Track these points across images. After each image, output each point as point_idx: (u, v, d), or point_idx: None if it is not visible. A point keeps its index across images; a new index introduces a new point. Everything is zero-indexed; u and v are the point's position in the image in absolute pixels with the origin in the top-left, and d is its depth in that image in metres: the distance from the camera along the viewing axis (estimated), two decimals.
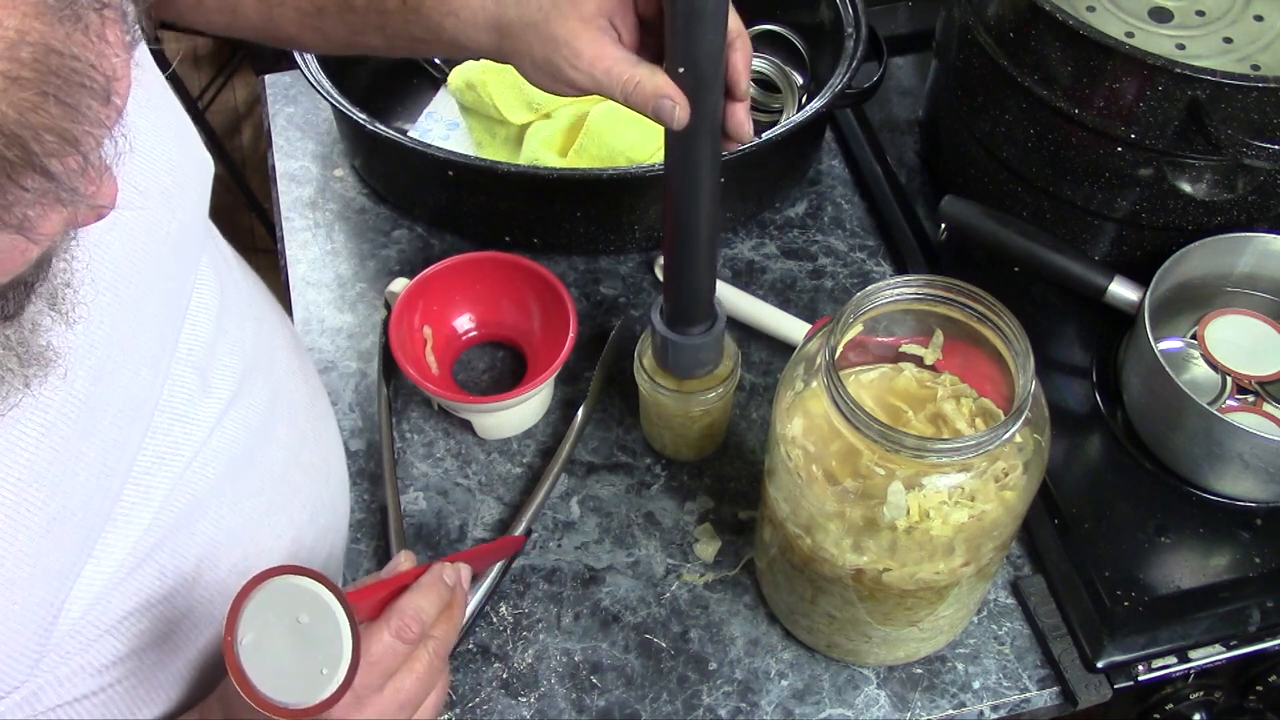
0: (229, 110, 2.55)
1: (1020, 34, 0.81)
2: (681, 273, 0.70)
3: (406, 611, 0.54)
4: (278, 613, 0.48)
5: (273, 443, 0.64)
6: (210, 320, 0.59)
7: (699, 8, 0.55)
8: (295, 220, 1.00)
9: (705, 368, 0.77)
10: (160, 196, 0.51)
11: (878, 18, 1.02)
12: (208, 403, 0.58)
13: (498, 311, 0.89)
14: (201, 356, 0.58)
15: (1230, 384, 0.82)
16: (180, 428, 0.56)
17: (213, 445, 0.58)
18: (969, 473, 0.60)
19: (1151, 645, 0.74)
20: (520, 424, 0.86)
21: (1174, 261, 0.81)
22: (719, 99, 0.61)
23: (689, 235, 0.67)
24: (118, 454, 0.51)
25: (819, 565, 0.66)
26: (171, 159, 0.52)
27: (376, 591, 0.55)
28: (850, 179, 1.04)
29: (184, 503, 0.56)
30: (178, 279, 0.54)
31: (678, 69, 0.59)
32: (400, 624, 0.54)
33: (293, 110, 1.09)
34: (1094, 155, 0.82)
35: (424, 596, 0.56)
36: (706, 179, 0.64)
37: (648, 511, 0.82)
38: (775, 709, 0.74)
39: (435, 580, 0.57)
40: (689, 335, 0.74)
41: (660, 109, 0.59)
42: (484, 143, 1.02)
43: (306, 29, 0.67)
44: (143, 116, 0.50)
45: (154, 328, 0.52)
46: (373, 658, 0.53)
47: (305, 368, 0.74)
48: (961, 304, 0.62)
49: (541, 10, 0.59)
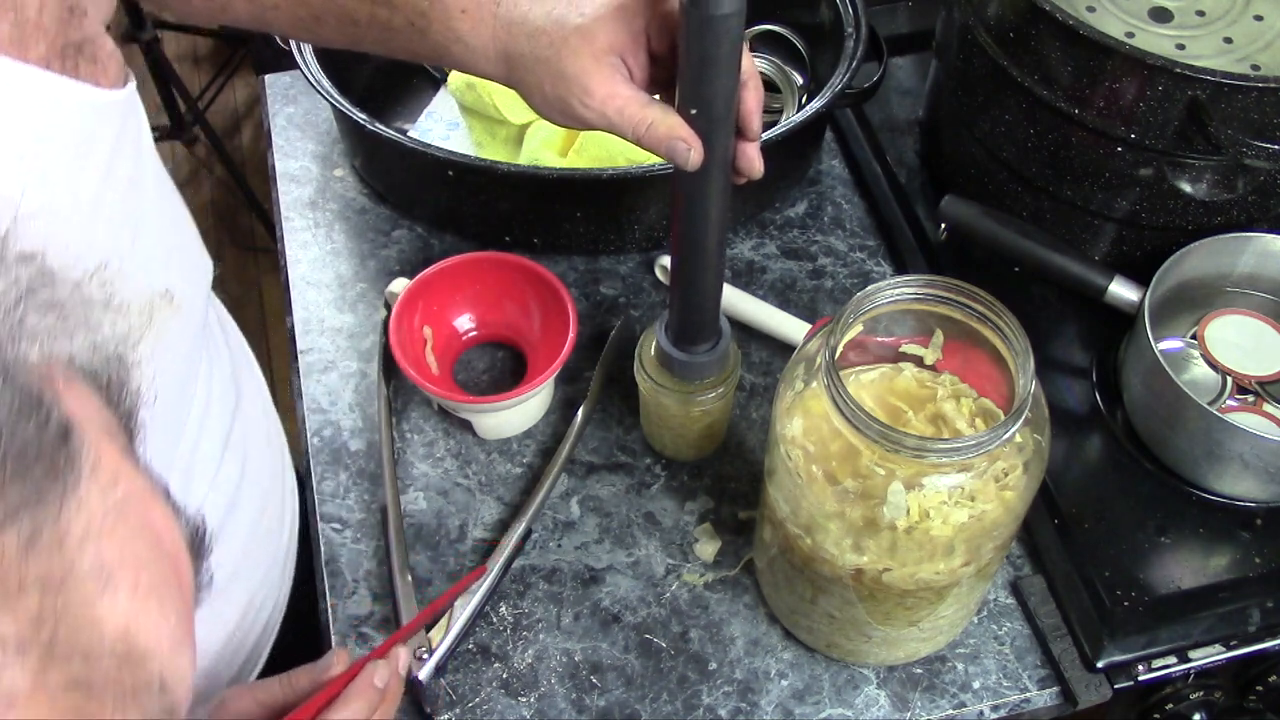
0: (229, 110, 2.55)
1: (1020, 34, 0.81)
2: (688, 296, 0.71)
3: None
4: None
5: (238, 518, 0.64)
6: (198, 417, 0.58)
7: (713, 54, 0.55)
8: (295, 220, 1.01)
9: (707, 378, 0.77)
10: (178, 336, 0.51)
11: (878, 18, 1.02)
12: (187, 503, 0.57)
13: (498, 311, 0.89)
14: (186, 458, 0.57)
15: (1230, 384, 0.82)
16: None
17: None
18: (969, 473, 0.60)
19: (1151, 645, 0.74)
20: (520, 424, 0.86)
21: (1174, 261, 0.81)
22: (730, 138, 0.61)
23: (696, 261, 0.68)
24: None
25: (819, 565, 0.66)
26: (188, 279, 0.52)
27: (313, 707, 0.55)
28: (850, 179, 1.04)
29: None
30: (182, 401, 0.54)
31: (690, 110, 0.59)
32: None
33: (293, 110, 1.09)
34: (1094, 155, 0.82)
35: (350, 708, 0.55)
36: (715, 210, 0.65)
37: (648, 511, 0.82)
38: (775, 709, 0.74)
39: (363, 689, 0.56)
40: (694, 353, 0.75)
41: (674, 150, 0.59)
42: (484, 143, 1.02)
43: (300, 31, 0.66)
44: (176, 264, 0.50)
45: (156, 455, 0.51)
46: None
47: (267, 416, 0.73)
48: (961, 304, 0.62)
49: (552, 46, 0.58)
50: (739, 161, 0.63)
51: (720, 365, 0.77)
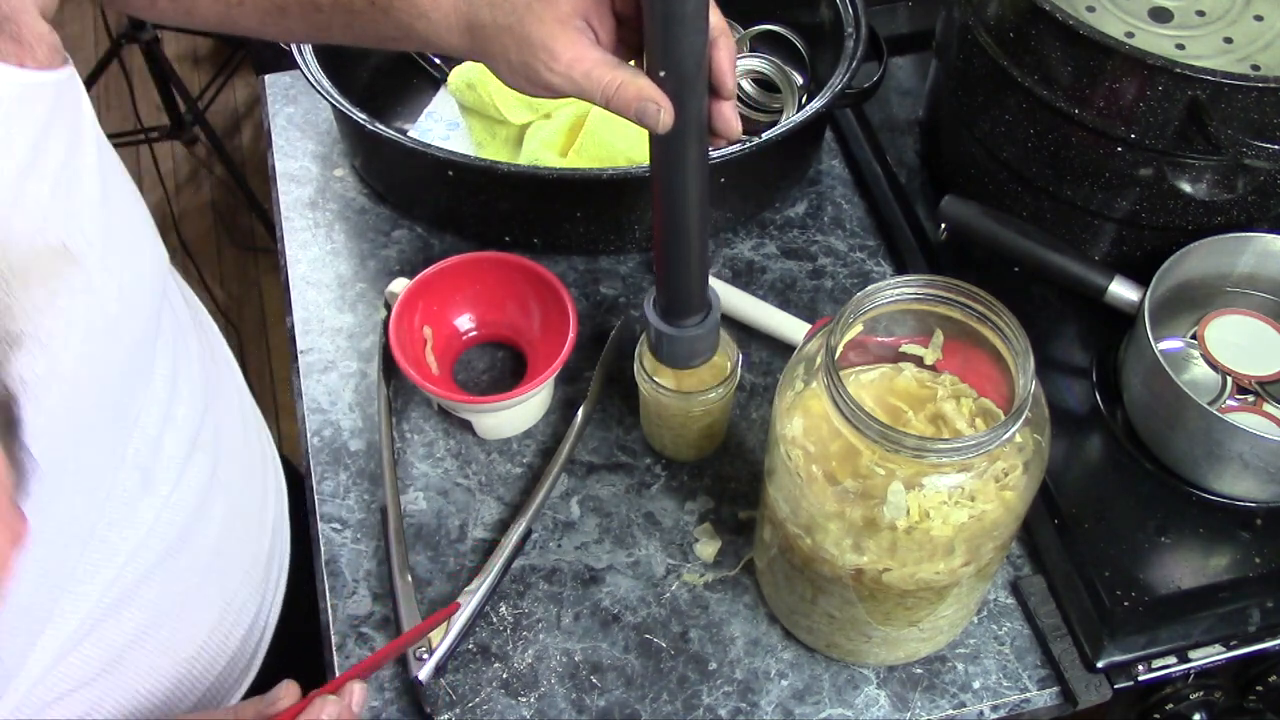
0: (229, 110, 2.55)
1: (1020, 34, 0.81)
2: (672, 268, 0.69)
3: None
4: None
5: (209, 519, 0.63)
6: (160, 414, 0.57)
7: (677, 11, 0.54)
8: (295, 220, 1.01)
9: (701, 358, 0.75)
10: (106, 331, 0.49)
11: (878, 18, 1.02)
12: (148, 500, 0.57)
13: (498, 311, 0.89)
14: (147, 455, 0.56)
15: (1230, 384, 0.82)
16: (117, 533, 0.55)
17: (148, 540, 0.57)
18: (969, 473, 0.60)
19: (1151, 645, 0.74)
20: (520, 424, 0.86)
21: (1174, 261, 0.81)
22: (703, 100, 0.60)
23: (678, 232, 0.66)
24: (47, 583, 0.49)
25: (819, 565, 0.66)
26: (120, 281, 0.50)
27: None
28: (850, 179, 1.04)
29: (115, 595, 0.55)
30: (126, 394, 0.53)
31: (659, 72, 0.58)
32: None
33: (293, 110, 1.09)
34: (1094, 155, 0.82)
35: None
36: (694, 178, 0.63)
37: (648, 511, 0.82)
38: (775, 709, 0.74)
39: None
40: (683, 327, 0.73)
41: (644, 113, 0.57)
42: (484, 143, 1.03)
43: (268, 26, 0.65)
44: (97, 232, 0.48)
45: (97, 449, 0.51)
46: None
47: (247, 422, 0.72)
48: (961, 304, 0.62)
49: (515, 13, 0.57)
50: (715, 122, 0.61)
51: (711, 341, 0.74)
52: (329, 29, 0.64)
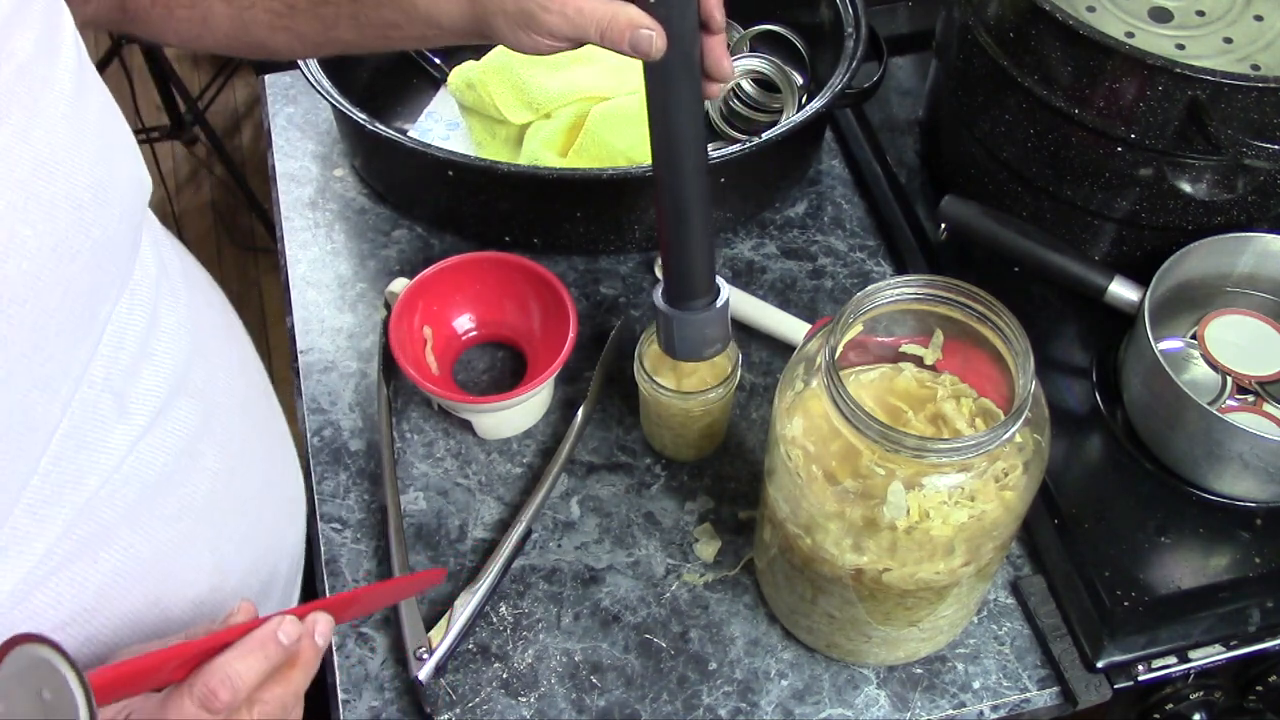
0: (229, 110, 2.55)
1: (1020, 34, 0.81)
2: (676, 239, 0.68)
3: (214, 675, 0.47)
4: (25, 685, 0.42)
5: (198, 469, 0.61)
6: (136, 341, 0.55)
7: None
8: (295, 220, 1.01)
9: (713, 347, 0.73)
10: (73, 214, 0.48)
11: (878, 18, 1.02)
12: (122, 428, 0.55)
13: (498, 311, 0.89)
14: (120, 380, 0.54)
15: (1230, 384, 0.82)
16: (86, 455, 0.53)
17: (124, 471, 0.55)
18: (969, 473, 0.60)
19: (1151, 645, 0.74)
20: (520, 424, 0.86)
21: (1174, 261, 0.81)
22: (695, 32, 0.61)
23: (679, 193, 0.66)
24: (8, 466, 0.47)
25: (819, 565, 0.66)
26: (93, 177, 0.49)
27: (181, 653, 0.48)
28: (850, 179, 1.04)
29: (88, 530, 0.53)
30: (92, 299, 0.51)
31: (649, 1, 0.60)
32: (205, 690, 0.47)
33: (293, 110, 1.09)
34: (1094, 155, 0.82)
35: (242, 658, 0.49)
36: (689, 125, 0.64)
37: (648, 511, 0.82)
38: (775, 709, 0.74)
39: (264, 639, 0.50)
40: (692, 310, 0.71)
41: (638, 40, 0.59)
42: (484, 143, 1.03)
43: (278, 30, 0.67)
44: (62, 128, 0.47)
45: (54, 349, 0.49)
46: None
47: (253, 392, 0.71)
48: (961, 304, 0.62)
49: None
50: (706, 60, 0.63)
51: (722, 329, 0.72)
52: (336, 24, 0.66)
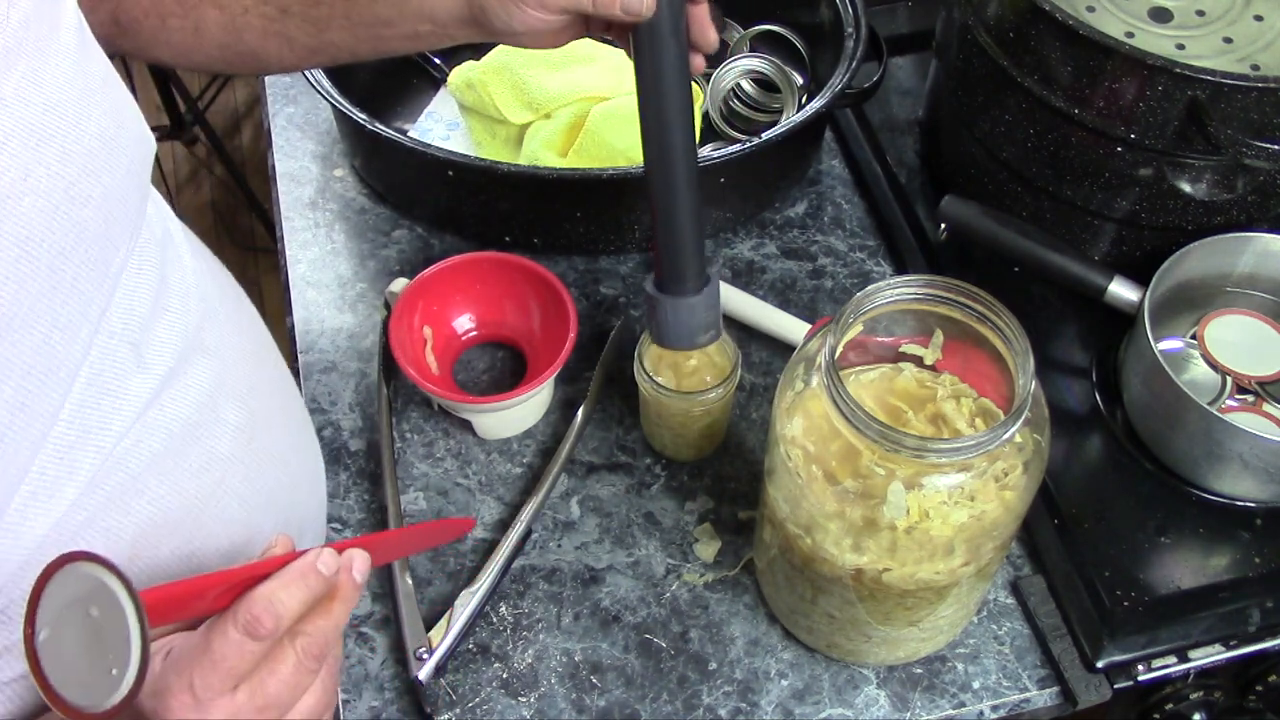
0: (229, 110, 2.55)
1: (1020, 34, 0.81)
2: (665, 218, 0.68)
3: (257, 603, 0.48)
4: (73, 604, 0.43)
5: (219, 423, 0.62)
6: (148, 297, 0.57)
7: None
8: (295, 220, 1.01)
9: (706, 333, 0.72)
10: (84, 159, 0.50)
11: (878, 18, 1.02)
12: (142, 378, 0.56)
13: (498, 311, 0.89)
14: (136, 332, 0.56)
15: (1230, 384, 0.82)
16: (109, 402, 0.54)
17: (149, 421, 0.56)
18: (969, 473, 0.60)
19: (1151, 645, 0.74)
20: (520, 424, 0.86)
21: (1174, 261, 0.81)
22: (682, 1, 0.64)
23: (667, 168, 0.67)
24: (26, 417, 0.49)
25: (819, 565, 0.66)
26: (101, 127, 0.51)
27: (223, 580, 0.48)
28: (850, 179, 1.04)
29: (117, 480, 0.55)
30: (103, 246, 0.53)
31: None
32: (249, 617, 0.47)
33: (293, 110, 1.09)
34: (1094, 155, 0.82)
35: (284, 587, 0.49)
36: (677, 92, 0.65)
37: (648, 511, 0.82)
38: (775, 709, 0.74)
39: (305, 569, 0.50)
40: (682, 294, 0.70)
41: (629, 3, 0.62)
42: (484, 143, 1.03)
43: (271, 36, 0.68)
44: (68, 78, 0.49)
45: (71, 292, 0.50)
46: (216, 656, 0.47)
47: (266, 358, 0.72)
48: (961, 304, 0.62)
49: None
50: (692, 29, 0.66)
51: (712, 316, 0.71)
52: (329, 25, 0.66)
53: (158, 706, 0.46)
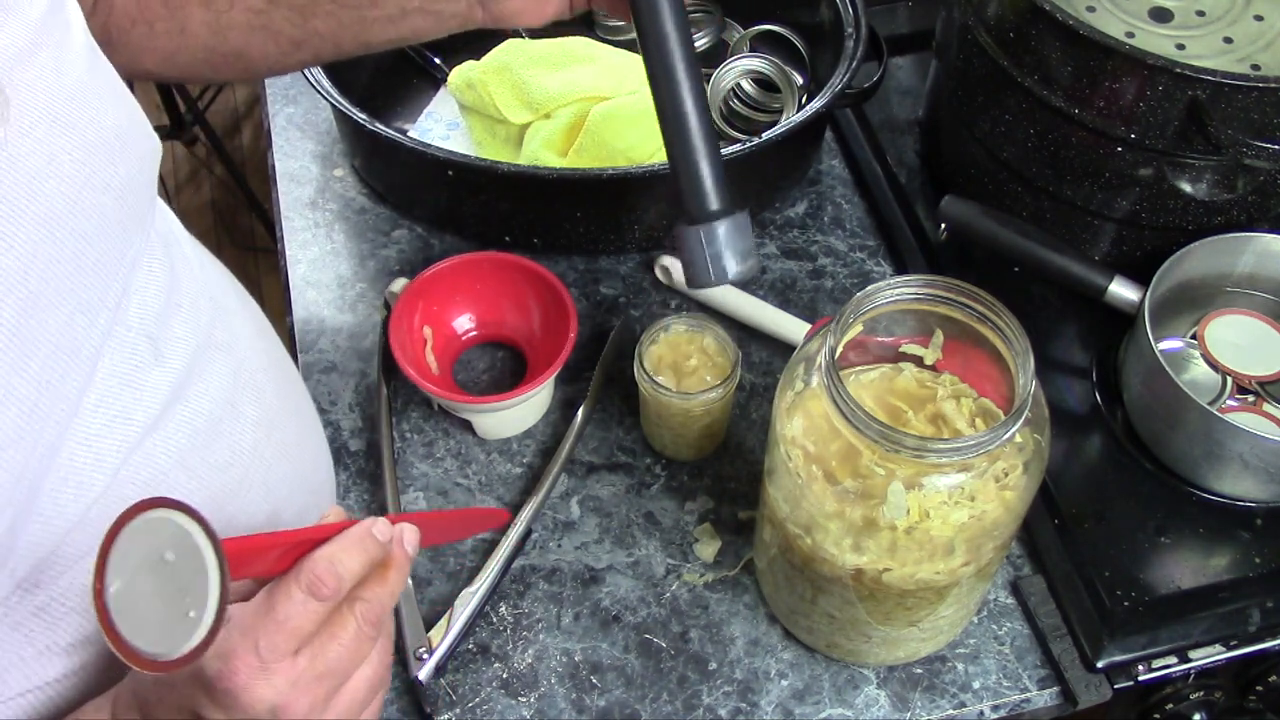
0: (229, 110, 2.55)
1: (1020, 34, 0.81)
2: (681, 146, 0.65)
3: (320, 564, 0.48)
4: (144, 552, 0.43)
5: (239, 419, 0.63)
6: (161, 293, 0.58)
7: None
8: (295, 220, 1.01)
9: (745, 261, 0.67)
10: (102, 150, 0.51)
11: (878, 18, 1.02)
12: (160, 372, 0.57)
13: (498, 311, 0.89)
14: (153, 325, 0.57)
15: (1230, 384, 0.82)
16: (130, 394, 0.55)
17: (174, 417, 0.57)
18: (969, 473, 0.60)
19: (1151, 645, 0.74)
20: (520, 424, 0.86)
21: (1174, 261, 0.81)
22: None
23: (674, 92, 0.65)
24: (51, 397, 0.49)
25: (819, 565, 0.66)
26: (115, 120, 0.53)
27: (285, 540, 0.48)
28: (850, 179, 1.04)
29: (145, 475, 0.56)
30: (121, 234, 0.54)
31: None
32: (312, 578, 0.48)
33: (293, 110, 1.09)
34: (1094, 155, 0.82)
35: (344, 550, 0.49)
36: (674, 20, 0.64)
37: (648, 511, 0.82)
38: (775, 709, 0.74)
39: (362, 534, 0.51)
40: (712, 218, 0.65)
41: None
42: (484, 143, 1.02)
43: (256, 31, 0.68)
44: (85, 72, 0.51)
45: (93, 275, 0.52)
46: (280, 616, 0.47)
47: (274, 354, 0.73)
48: (961, 304, 0.62)
49: None
50: None
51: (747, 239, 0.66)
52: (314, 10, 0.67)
53: (223, 669, 0.46)
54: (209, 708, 0.47)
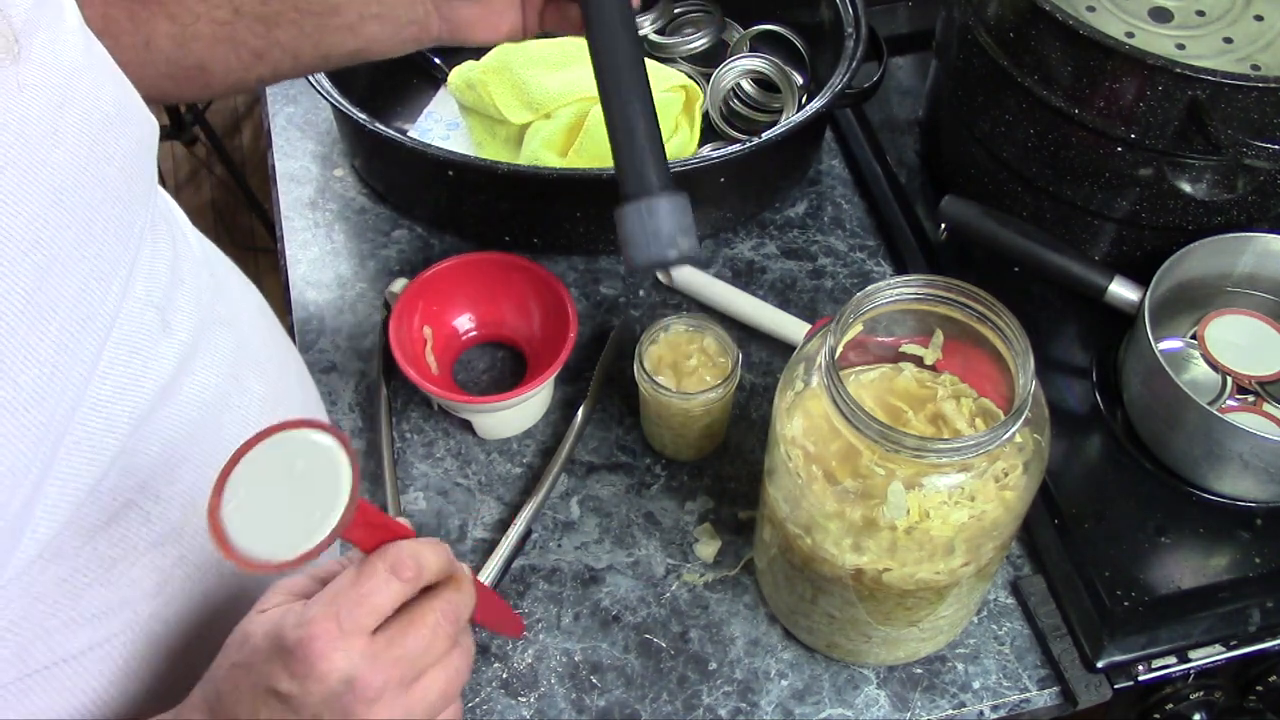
0: (229, 110, 2.55)
1: (1020, 34, 0.81)
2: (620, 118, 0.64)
3: (403, 549, 0.50)
4: (269, 470, 0.46)
5: (246, 393, 0.64)
6: (166, 267, 0.59)
7: None
8: (295, 220, 1.01)
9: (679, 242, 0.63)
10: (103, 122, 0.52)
11: (878, 18, 1.02)
12: (168, 343, 0.58)
13: (498, 311, 0.89)
14: (160, 297, 0.58)
15: (1230, 384, 0.82)
16: (139, 362, 0.56)
17: (182, 389, 0.58)
18: (969, 473, 0.60)
19: (1151, 645, 0.74)
20: (520, 424, 0.86)
21: (1174, 261, 0.81)
22: None
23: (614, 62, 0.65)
24: (69, 359, 0.50)
25: (819, 565, 0.66)
26: (114, 95, 0.54)
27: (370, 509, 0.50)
28: (850, 179, 1.04)
29: (158, 446, 0.57)
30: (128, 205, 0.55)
31: None
32: (396, 559, 0.50)
33: (293, 110, 1.09)
34: (1094, 155, 0.82)
35: (424, 545, 0.51)
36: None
37: (648, 511, 0.82)
38: (775, 709, 0.74)
39: (435, 541, 0.53)
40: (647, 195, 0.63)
41: None
42: (484, 143, 1.02)
43: (220, 43, 0.69)
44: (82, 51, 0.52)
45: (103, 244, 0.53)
46: (364, 590, 0.49)
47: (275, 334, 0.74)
48: (961, 304, 0.62)
49: None
50: None
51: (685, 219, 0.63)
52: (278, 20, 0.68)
53: (302, 635, 0.47)
54: (285, 680, 0.48)
